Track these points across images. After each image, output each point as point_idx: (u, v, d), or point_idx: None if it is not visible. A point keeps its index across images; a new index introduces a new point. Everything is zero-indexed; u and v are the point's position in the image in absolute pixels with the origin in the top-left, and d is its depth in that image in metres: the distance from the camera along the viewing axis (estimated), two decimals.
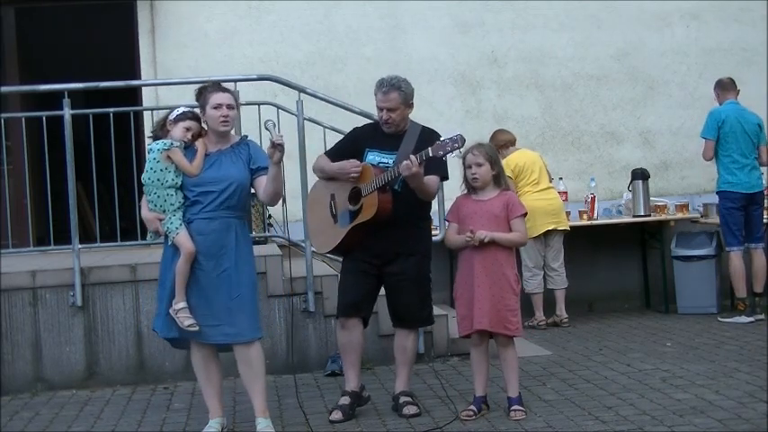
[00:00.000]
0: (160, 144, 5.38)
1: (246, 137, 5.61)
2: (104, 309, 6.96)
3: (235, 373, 6.33)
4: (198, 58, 9.30)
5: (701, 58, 9.88)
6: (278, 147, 5.17)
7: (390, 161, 5.69)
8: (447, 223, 5.88)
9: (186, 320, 5.25)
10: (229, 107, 5.38)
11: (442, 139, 5.52)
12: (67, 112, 7.02)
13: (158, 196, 5.34)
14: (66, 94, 7.07)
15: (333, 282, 7.00)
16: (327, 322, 7.04)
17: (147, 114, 8.46)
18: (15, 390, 6.83)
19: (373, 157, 5.80)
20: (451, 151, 5.46)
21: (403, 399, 5.79)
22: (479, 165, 5.60)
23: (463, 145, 5.45)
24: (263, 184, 5.38)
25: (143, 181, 5.43)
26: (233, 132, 5.60)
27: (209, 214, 5.32)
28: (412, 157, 5.45)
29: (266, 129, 5.35)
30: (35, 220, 8.82)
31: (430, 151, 5.45)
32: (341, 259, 6.08)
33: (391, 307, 5.90)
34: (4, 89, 8.23)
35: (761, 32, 9.87)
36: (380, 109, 5.79)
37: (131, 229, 8.36)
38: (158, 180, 5.33)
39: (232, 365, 5.76)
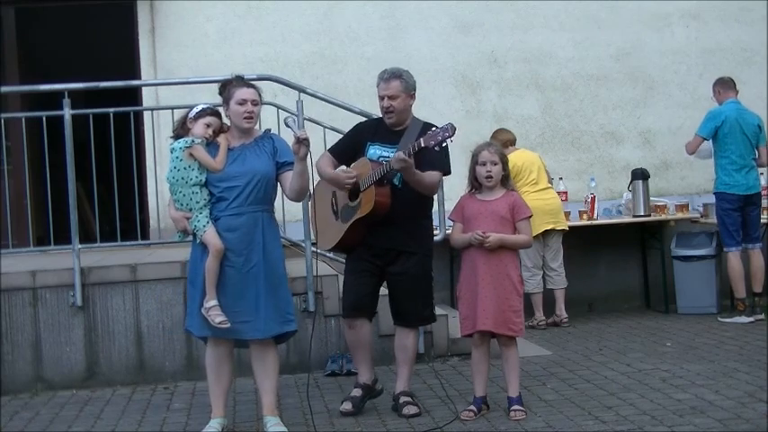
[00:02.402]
0: (182, 142, 5.36)
1: (269, 130, 5.57)
2: (104, 309, 6.95)
3: (235, 374, 6.35)
4: (198, 58, 9.29)
5: (701, 58, 9.88)
6: (303, 141, 5.11)
7: (391, 155, 5.65)
8: (452, 222, 5.86)
9: (217, 318, 5.20)
10: (254, 103, 5.35)
11: (433, 129, 5.50)
12: (67, 112, 7.01)
13: (184, 195, 5.32)
14: (66, 94, 7.06)
15: (333, 282, 7.00)
16: (327, 322, 7.04)
17: (147, 114, 8.46)
18: (15, 390, 6.82)
19: (374, 150, 5.79)
20: (443, 141, 5.42)
21: (403, 399, 5.78)
22: (494, 163, 5.59)
23: (454, 134, 5.42)
24: (288, 179, 5.32)
25: (167, 180, 5.41)
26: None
27: (237, 210, 5.28)
28: (401, 152, 5.42)
29: (286, 125, 5.33)
30: (35, 220, 8.80)
31: (422, 141, 5.43)
32: (343, 258, 6.08)
33: (393, 305, 5.89)
34: (4, 89, 8.23)
35: (761, 32, 9.86)
36: (381, 98, 5.77)
37: (131, 229, 8.37)
38: (183, 179, 5.31)
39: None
